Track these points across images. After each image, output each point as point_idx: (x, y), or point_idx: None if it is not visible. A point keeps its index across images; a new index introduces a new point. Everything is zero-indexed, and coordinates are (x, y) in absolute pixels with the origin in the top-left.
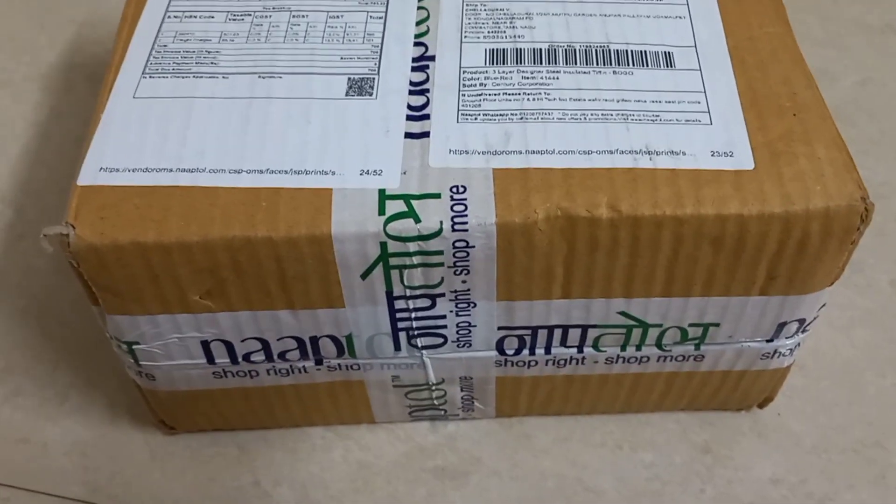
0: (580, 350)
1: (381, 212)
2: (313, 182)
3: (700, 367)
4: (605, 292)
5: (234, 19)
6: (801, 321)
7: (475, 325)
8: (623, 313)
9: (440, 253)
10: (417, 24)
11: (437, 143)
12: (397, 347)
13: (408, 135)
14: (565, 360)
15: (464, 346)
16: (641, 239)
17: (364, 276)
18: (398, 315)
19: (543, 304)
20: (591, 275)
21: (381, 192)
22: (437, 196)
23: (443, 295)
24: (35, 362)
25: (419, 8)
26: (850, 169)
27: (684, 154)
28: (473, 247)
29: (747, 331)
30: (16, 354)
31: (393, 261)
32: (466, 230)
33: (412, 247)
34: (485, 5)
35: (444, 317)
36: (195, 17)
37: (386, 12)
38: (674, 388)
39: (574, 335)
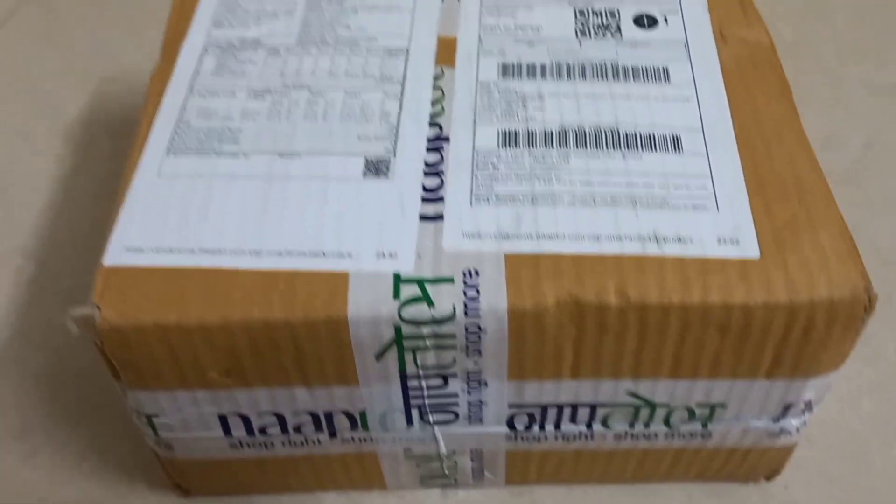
0: (589, 426)
1: (396, 296)
2: (330, 264)
3: (707, 444)
4: (613, 373)
5: (256, 97)
6: (808, 402)
7: (486, 403)
8: (631, 393)
9: (453, 336)
10: (432, 103)
11: (451, 226)
12: (409, 422)
13: (422, 217)
14: (574, 436)
15: (475, 421)
16: (649, 324)
17: (378, 356)
18: (411, 393)
19: (553, 383)
20: (600, 357)
21: (396, 275)
22: (451, 281)
23: (455, 375)
24: (53, 421)
25: (434, 87)
26: (854, 257)
27: (691, 241)
28: (485, 331)
29: (754, 411)
30: (35, 413)
31: (407, 343)
32: (479, 315)
33: (426, 330)
34: (497, 85)
35: (455, 395)
36: (218, 94)
37: (402, 91)
38: (682, 462)
39: (583, 413)
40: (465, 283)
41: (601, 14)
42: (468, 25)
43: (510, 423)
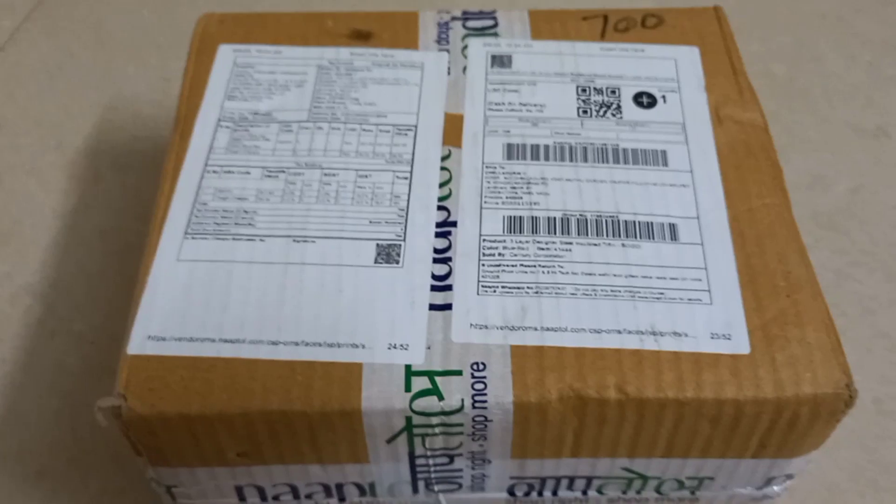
0: (585, 493)
1: (408, 388)
2: (345, 356)
3: None
4: (610, 453)
5: (269, 176)
6: (790, 475)
7: (489, 476)
8: (626, 468)
9: (460, 424)
10: (441, 185)
11: (459, 316)
12: (415, 490)
13: (432, 306)
14: (570, 501)
15: (477, 489)
16: (646, 416)
17: (389, 441)
18: (418, 469)
19: (553, 461)
20: (599, 441)
21: (408, 367)
22: (459, 373)
23: (461, 454)
24: (68, 466)
25: (442, 168)
26: (838, 353)
27: (686, 335)
28: (492, 421)
29: (740, 482)
30: (49, 458)
31: (416, 430)
32: (486, 408)
33: (435, 420)
34: (503, 168)
35: (460, 470)
36: (232, 172)
37: (411, 172)
38: None
39: (580, 483)
40: (472, 375)
41: (602, 91)
42: (474, 102)
43: (510, 491)
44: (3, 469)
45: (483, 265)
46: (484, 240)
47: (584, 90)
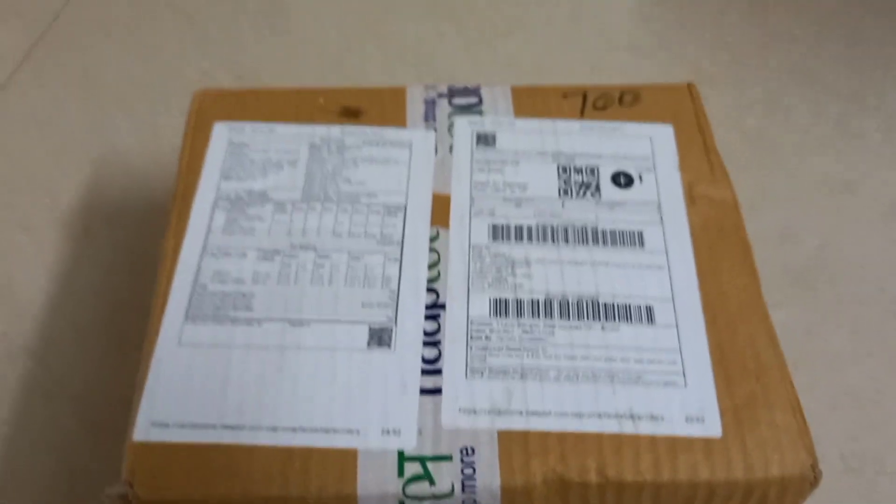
0: None
1: (401, 474)
2: (341, 441)
3: None
4: None
5: (265, 258)
6: None
7: None
8: None
9: None
10: (429, 267)
11: (448, 401)
12: None
13: (422, 391)
14: None
15: None
16: (624, 497)
17: None
18: None
19: None
20: None
21: (401, 453)
22: (449, 458)
23: None
24: None
25: (431, 250)
26: (804, 436)
27: (662, 419)
28: (480, 503)
29: None
30: None
31: None
32: (475, 492)
33: (426, 503)
34: (489, 249)
35: None
36: (230, 254)
37: (401, 254)
38: None
39: None
40: (462, 460)
41: (582, 171)
42: (461, 182)
43: None
44: None
45: (471, 348)
46: (472, 323)
47: (564, 170)
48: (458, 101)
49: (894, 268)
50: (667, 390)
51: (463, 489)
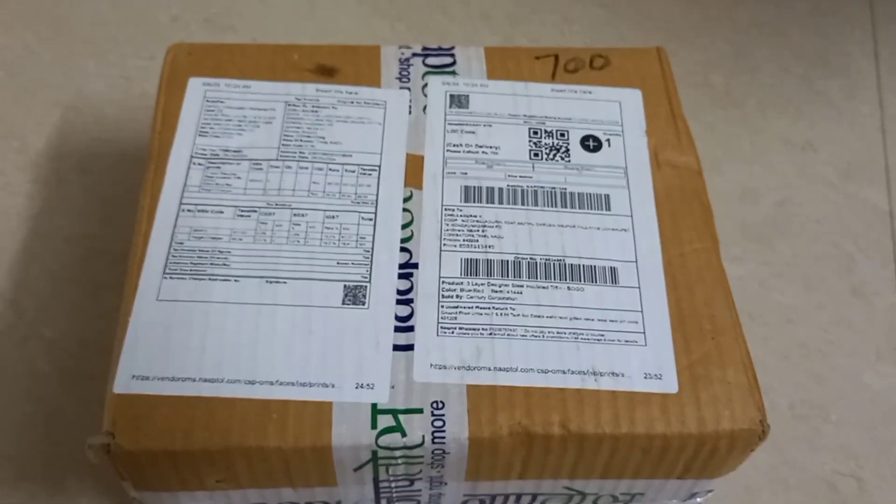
0: None
1: (374, 426)
2: (316, 395)
3: None
4: (553, 476)
5: (242, 215)
6: (710, 490)
7: (445, 495)
8: (567, 487)
9: (421, 456)
10: (403, 227)
11: (420, 357)
12: None
13: (395, 347)
14: None
15: None
16: (585, 448)
17: (356, 469)
18: (381, 490)
19: (502, 482)
20: (543, 467)
21: (374, 406)
22: (420, 411)
23: (420, 479)
24: (46, 470)
25: (404, 210)
26: (754, 392)
27: (623, 376)
28: (449, 453)
29: (667, 496)
30: (28, 461)
31: (381, 461)
32: (444, 442)
33: (398, 453)
34: (461, 210)
35: (419, 490)
36: (207, 211)
37: (375, 213)
38: None
39: (526, 499)
40: (432, 413)
41: (552, 134)
42: (434, 143)
43: None
44: None
45: (443, 307)
46: (443, 282)
47: (535, 132)
48: (433, 60)
49: (849, 225)
50: (628, 349)
51: (433, 440)
